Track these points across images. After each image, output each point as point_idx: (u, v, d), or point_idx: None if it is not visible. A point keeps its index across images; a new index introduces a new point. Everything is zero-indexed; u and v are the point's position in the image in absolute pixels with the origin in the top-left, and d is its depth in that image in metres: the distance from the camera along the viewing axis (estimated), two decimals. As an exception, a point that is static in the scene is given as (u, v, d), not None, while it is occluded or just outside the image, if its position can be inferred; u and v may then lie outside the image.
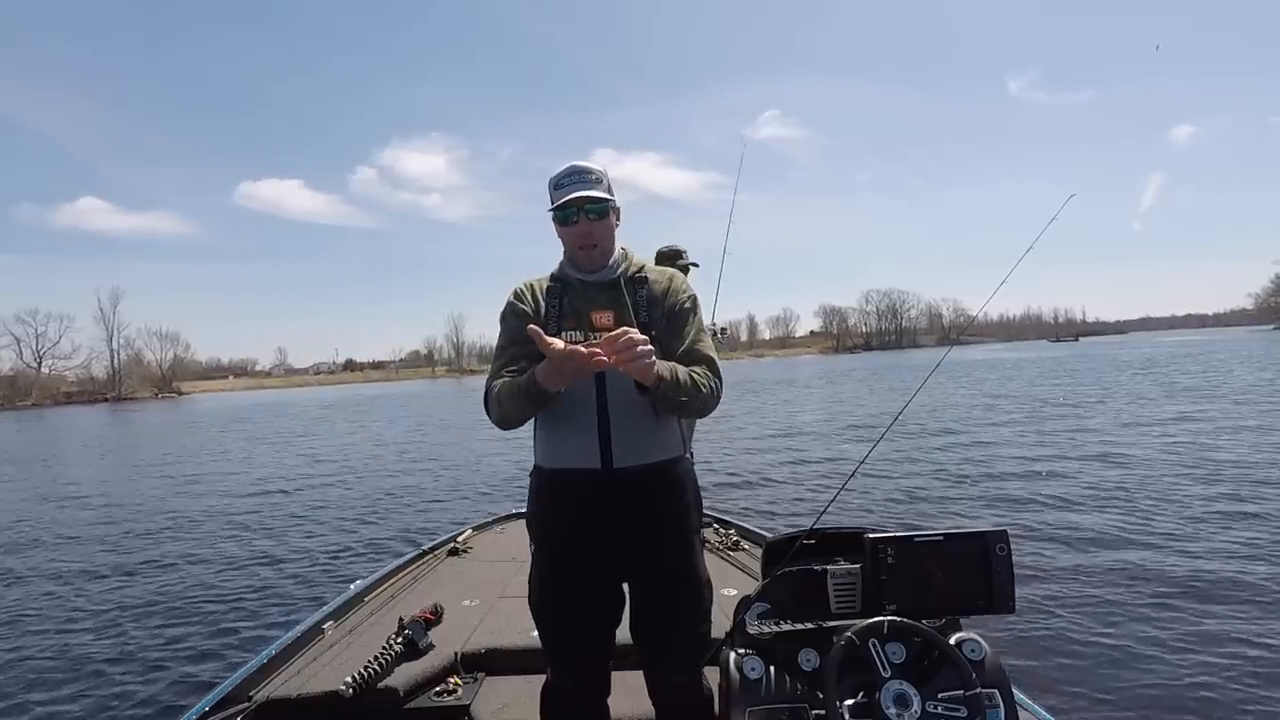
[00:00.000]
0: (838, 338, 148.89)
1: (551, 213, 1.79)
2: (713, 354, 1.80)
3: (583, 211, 1.76)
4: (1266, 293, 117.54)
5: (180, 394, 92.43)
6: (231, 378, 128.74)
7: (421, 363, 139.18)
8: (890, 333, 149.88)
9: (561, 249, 1.88)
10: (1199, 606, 4.42)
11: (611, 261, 1.84)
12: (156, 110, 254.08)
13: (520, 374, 1.70)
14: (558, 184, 1.77)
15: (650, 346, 1.55)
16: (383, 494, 10.46)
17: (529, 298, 1.83)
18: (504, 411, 1.72)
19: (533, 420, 1.80)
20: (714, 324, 4.58)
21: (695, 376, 1.71)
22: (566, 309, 1.79)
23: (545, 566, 1.81)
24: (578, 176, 1.76)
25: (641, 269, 1.87)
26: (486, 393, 1.78)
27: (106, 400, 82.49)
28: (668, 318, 1.80)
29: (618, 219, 1.85)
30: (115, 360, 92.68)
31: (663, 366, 1.63)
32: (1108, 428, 12.95)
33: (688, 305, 1.83)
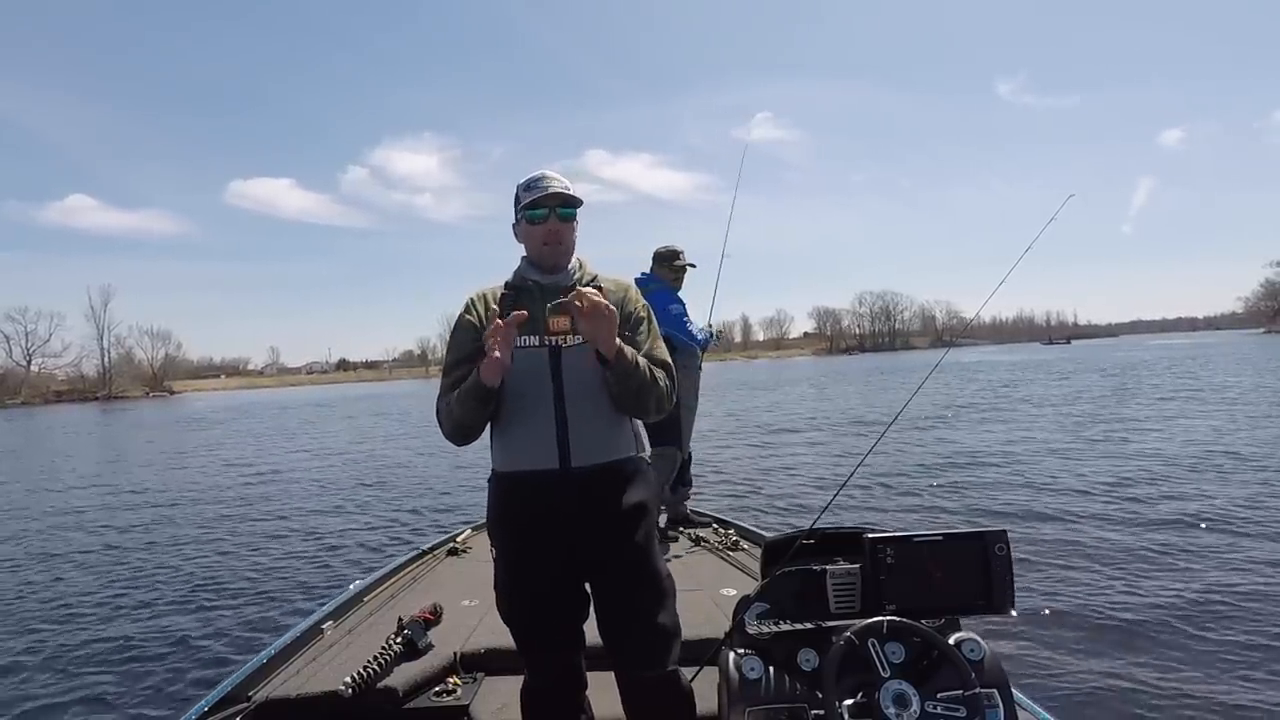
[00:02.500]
0: (831, 339, 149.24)
1: (521, 213, 1.86)
2: (668, 359, 1.88)
3: (554, 211, 1.84)
4: (1256, 296, 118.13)
5: (172, 393, 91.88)
6: (224, 377, 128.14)
7: (415, 362, 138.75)
8: (884, 334, 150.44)
9: (521, 255, 1.93)
10: (1200, 605, 4.43)
11: (569, 267, 1.91)
12: (146, 108, 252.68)
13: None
14: (528, 186, 1.85)
15: (614, 310, 1.67)
16: (381, 494, 10.43)
17: (480, 308, 1.88)
18: (454, 420, 1.78)
19: (489, 427, 1.85)
20: (710, 324, 4.61)
21: (653, 369, 1.80)
22: None
23: (508, 570, 1.84)
24: (548, 181, 1.85)
25: (595, 278, 1.93)
26: (437, 412, 1.84)
27: (97, 399, 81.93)
28: (625, 325, 1.85)
29: (576, 231, 1.93)
30: (106, 359, 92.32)
31: (626, 347, 1.74)
32: (1107, 428, 12.99)
33: (643, 314, 1.92)
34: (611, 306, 1.67)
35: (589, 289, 1.68)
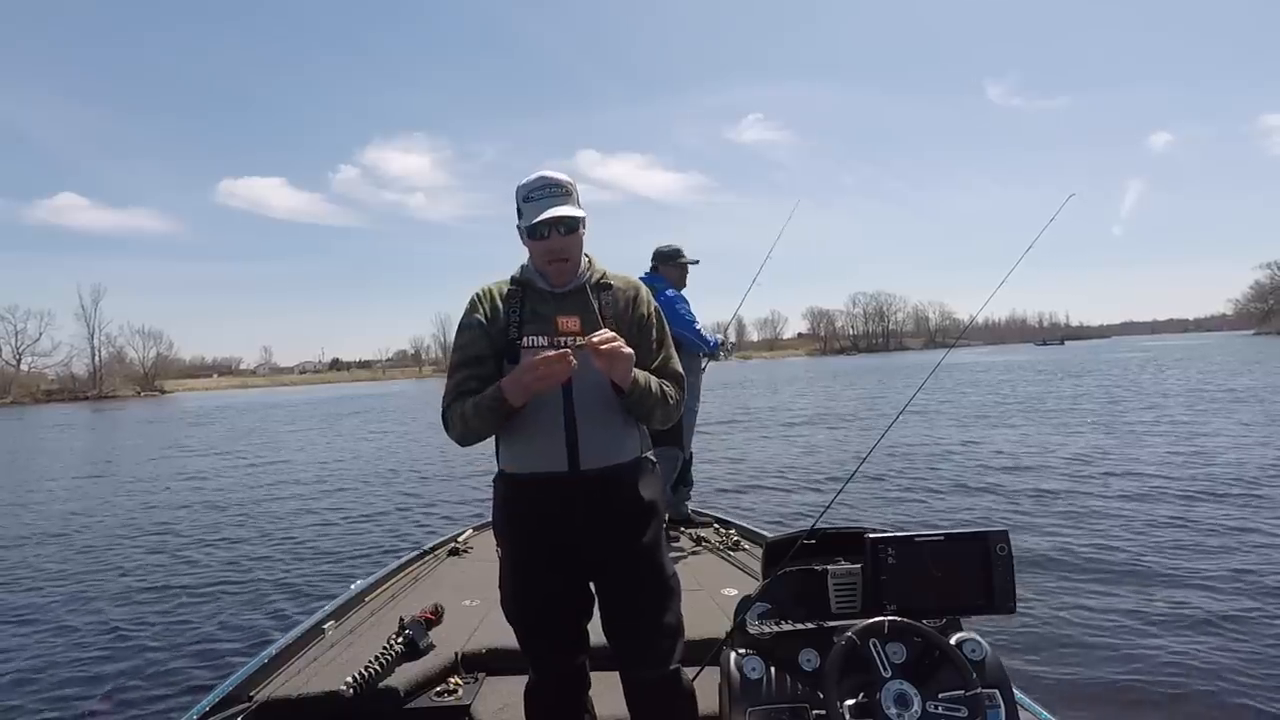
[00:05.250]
0: (825, 340, 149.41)
1: (520, 227, 1.81)
2: (680, 370, 1.90)
3: (554, 229, 1.77)
4: (1246, 298, 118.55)
5: (163, 393, 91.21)
6: (216, 376, 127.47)
7: (409, 362, 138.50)
8: (877, 335, 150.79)
9: (527, 254, 1.89)
10: (1201, 606, 4.44)
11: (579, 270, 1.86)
12: (136, 106, 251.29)
13: (464, 390, 1.78)
14: (527, 196, 1.78)
15: (630, 350, 1.68)
16: (382, 494, 10.40)
17: (486, 305, 1.83)
18: (469, 429, 1.76)
19: None
20: (725, 334, 4.69)
21: (665, 388, 1.81)
22: (528, 314, 1.80)
23: (515, 570, 1.83)
24: (548, 190, 1.77)
25: (604, 276, 1.90)
26: (445, 412, 1.81)
27: (88, 399, 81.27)
28: (635, 328, 1.84)
29: (585, 228, 1.88)
30: (97, 358, 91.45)
31: (638, 372, 1.74)
32: (1108, 429, 13.01)
33: (654, 319, 1.89)
34: (628, 349, 1.67)
35: (604, 333, 1.66)
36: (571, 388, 1.75)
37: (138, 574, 6.66)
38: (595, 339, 1.64)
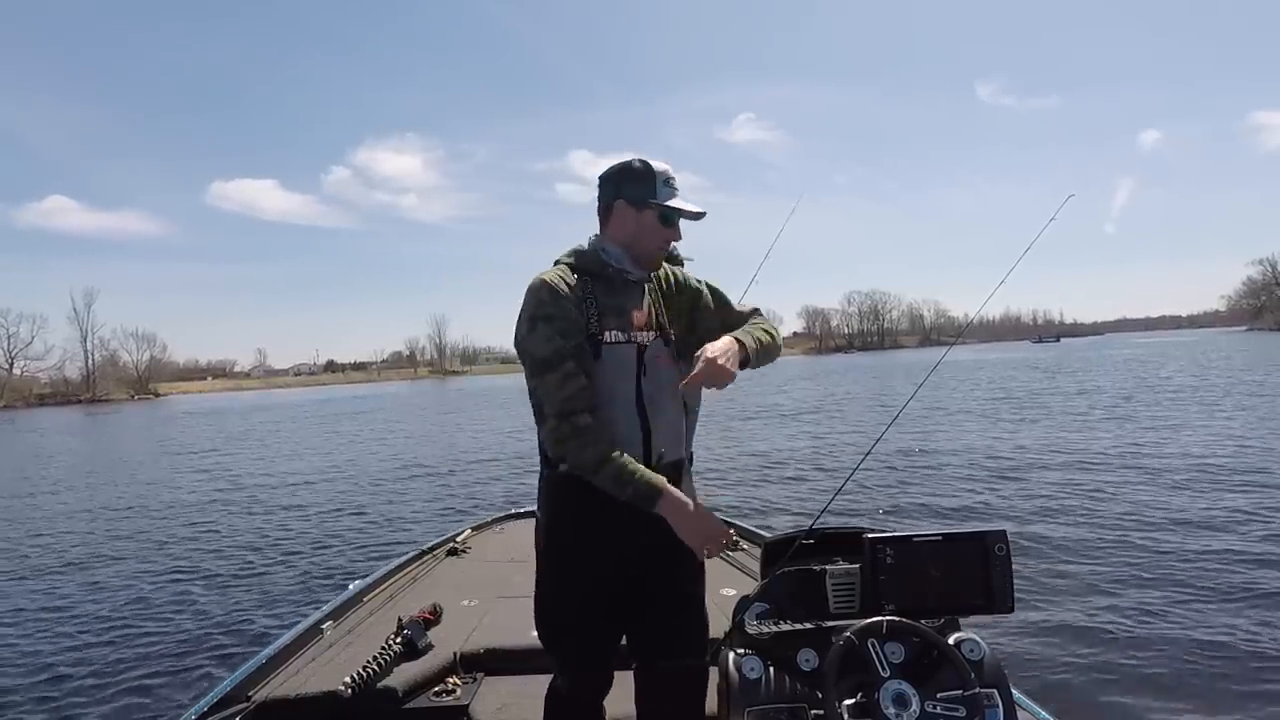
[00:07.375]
0: (820, 338, 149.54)
1: (656, 205, 1.77)
2: (746, 311, 1.95)
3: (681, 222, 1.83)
4: (1239, 294, 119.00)
5: (157, 395, 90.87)
6: (210, 379, 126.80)
7: (404, 363, 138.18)
8: (872, 333, 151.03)
9: (595, 234, 1.85)
10: (1200, 606, 4.47)
11: None
12: (126, 108, 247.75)
13: (579, 387, 1.64)
14: (667, 180, 1.78)
15: (729, 354, 1.67)
16: (380, 494, 10.41)
17: (572, 293, 1.71)
18: (595, 479, 1.63)
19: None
20: None
21: (764, 328, 1.86)
22: (604, 305, 1.74)
23: (574, 571, 1.77)
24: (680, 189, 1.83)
25: None
26: (570, 419, 1.62)
27: (81, 402, 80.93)
28: (691, 303, 1.91)
29: None
30: (90, 361, 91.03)
31: (743, 337, 1.75)
32: (1109, 428, 13.06)
33: (705, 285, 1.96)
34: (718, 363, 1.64)
35: (704, 368, 1.63)
36: (640, 381, 1.75)
37: (135, 575, 6.65)
38: (697, 381, 1.65)
